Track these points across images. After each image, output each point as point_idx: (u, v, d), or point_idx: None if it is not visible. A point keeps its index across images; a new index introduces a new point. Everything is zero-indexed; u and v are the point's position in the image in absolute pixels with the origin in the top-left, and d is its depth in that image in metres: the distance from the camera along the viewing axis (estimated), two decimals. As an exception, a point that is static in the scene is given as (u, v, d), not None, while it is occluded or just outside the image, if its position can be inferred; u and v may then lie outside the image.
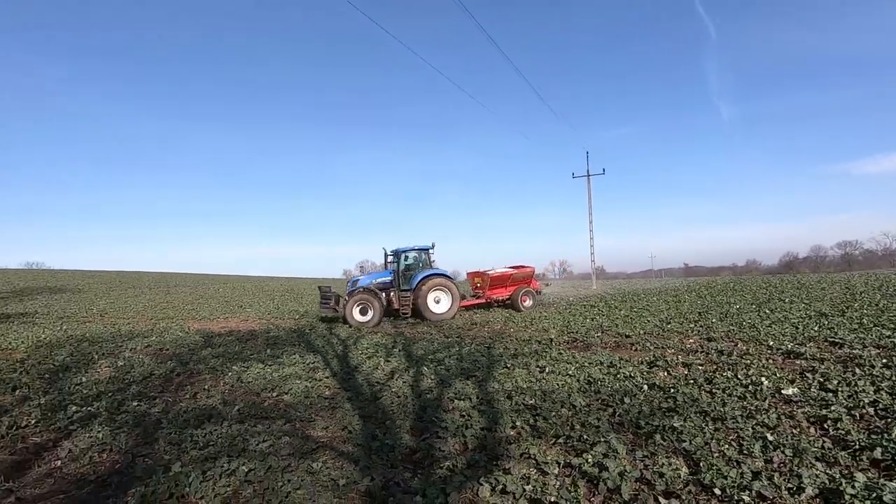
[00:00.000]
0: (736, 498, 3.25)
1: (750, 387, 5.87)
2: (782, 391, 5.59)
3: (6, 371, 8.40)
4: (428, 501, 3.32)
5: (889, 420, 4.51)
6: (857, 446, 3.96)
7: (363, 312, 14.03)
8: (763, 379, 6.07)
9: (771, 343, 8.47)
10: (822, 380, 5.96)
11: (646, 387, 6.09)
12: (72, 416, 5.55)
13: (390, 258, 15.44)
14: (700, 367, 7.08)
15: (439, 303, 14.41)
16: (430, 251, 15.44)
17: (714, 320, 11.56)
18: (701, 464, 3.74)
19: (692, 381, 6.29)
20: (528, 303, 15.69)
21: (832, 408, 4.88)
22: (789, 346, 8.02)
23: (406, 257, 15.26)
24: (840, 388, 5.50)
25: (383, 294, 14.53)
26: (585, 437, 4.42)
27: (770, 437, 4.18)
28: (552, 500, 3.32)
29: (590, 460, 3.85)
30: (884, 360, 6.60)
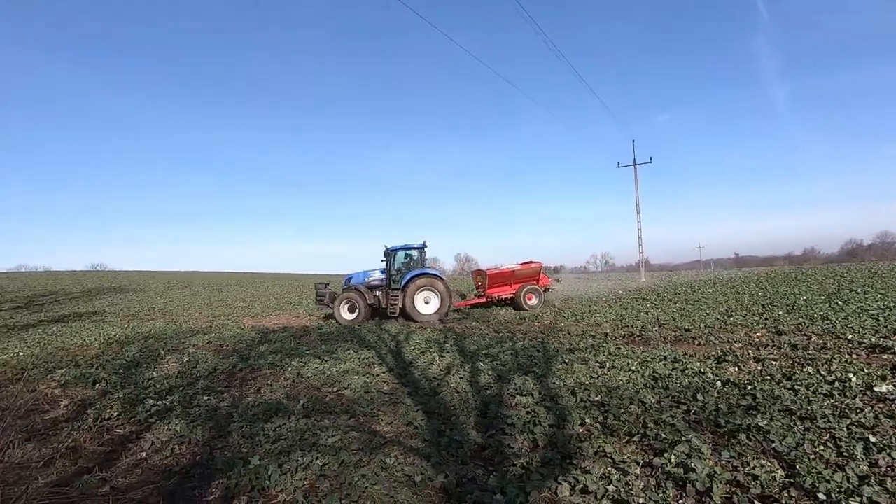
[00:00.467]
0: (844, 504, 3.00)
1: (836, 383, 5.47)
2: (875, 388, 5.17)
3: (84, 366, 8.93)
4: (508, 500, 3.24)
5: None
6: (976, 449, 3.60)
7: (351, 310, 14.28)
8: (850, 375, 5.65)
9: (850, 336, 7.90)
10: (918, 376, 5.48)
11: (718, 383, 5.78)
12: (150, 410, 5.81)
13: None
14: (774, 363, 6.67)
15: (429, 303, 14.12)
16: (423, 250, 15.03)
17: (781, 312, 10.92)
18: (797, 466, 3.49)
19: (769, 378, 5.93)
20: (533, 301, 14.80)
21: (937, 407, 4.47)
22: (872, 340, 7.45)
23: (397, 256, 15.02)
24: (943, 385, 5.04)
25: (376, 293, 14.56)
26: (662, 435, 4.22)
27: (872, 439, 3.86)
28: (639, 501, 3.17)
29: (673, 460, 3.67)
30: None
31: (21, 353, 10.68)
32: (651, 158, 31.99)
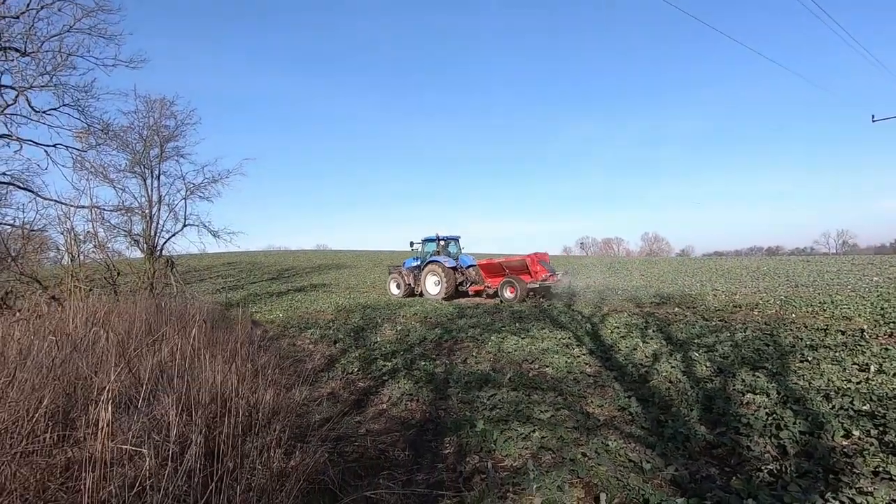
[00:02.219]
0: None
1: None
2: None
3: (325, 328, 10.89)
4: (762, 508, 2.88)
5: None
6: None
7: (397, 287, 17.87)
8: None
9: None
10: None
11: None
12: (381, 369, 6.79)
13: (417, 245, 18.41)
14: None
15: (437, 286, 16.67)
16: (441, 241, 17.69)
17: None
18: None
19: None
20: (509, 295, 15.24)
21: None
22: None
23: (424, 246, 18.01)
24: None
25: (413, 275, 17.66)
26: (983, 466, 3.24)
27: None
28: (960, 544, 2.50)
29: None
30: None
31: (281, 315, 13.55)
32: (925, 106, 24.07)
